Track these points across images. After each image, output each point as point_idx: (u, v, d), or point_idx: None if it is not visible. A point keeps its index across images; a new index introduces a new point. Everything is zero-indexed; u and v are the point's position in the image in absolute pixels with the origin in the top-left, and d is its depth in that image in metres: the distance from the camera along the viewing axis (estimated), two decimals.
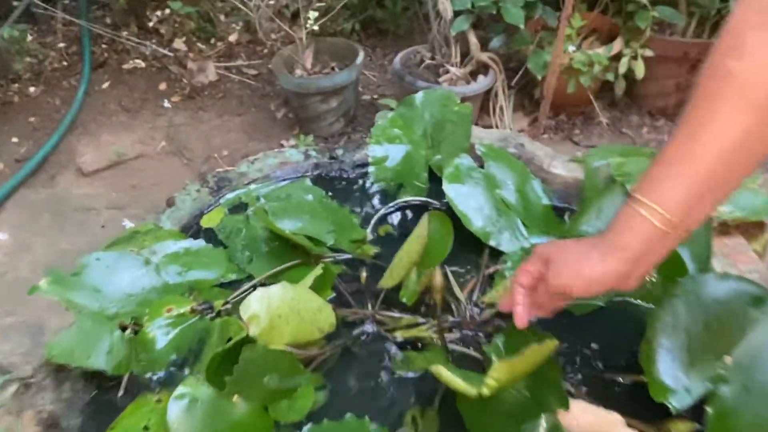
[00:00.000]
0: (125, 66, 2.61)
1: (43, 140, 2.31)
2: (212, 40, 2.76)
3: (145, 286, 0.97)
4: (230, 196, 1.16)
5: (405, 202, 1.15)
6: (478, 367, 0.86)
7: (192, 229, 1.10)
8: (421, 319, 0.92)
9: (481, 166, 1.11)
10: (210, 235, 1.09)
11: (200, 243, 1.05)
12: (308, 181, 1.19)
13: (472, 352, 0.88)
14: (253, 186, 1.18)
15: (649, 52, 2.16)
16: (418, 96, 1.24)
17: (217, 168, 1.20)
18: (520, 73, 2.36)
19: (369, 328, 0.92)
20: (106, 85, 2.57)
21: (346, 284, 1.00)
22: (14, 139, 2.28)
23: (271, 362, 0.80)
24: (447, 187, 1.05)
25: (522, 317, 0.74)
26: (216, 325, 0.93)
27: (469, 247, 1.02)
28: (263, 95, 2.72)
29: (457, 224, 1.02)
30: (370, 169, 1.21)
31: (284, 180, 1.21)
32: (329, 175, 1.22)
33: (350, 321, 0.93)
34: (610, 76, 2.23)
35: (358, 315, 0.94)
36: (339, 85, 2.16)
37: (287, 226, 1.08)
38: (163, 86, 2.59)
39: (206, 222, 1.12)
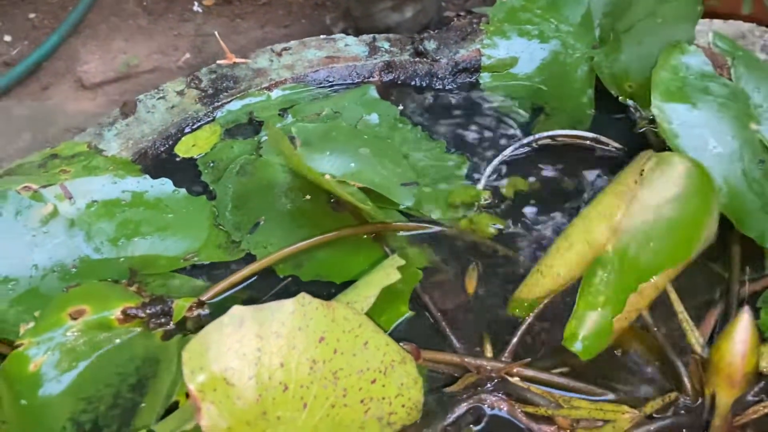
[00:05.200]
0: None
1: (41, 41, 1.82)
2: None
3: (39, 263, 0.49)
4: (234, 106, 0.66)
5: (551, 137, 0.62)
6: None
7: (156, 159, 0.60)
8: (608, 395, 0.40)
9: None
10: (187, 173, 0.59)
11: (163, 185, 0.55)
12: (373, 91, 0.67)
13: None
14: (276, 93, 0.67)
15: None
16: None
17: (220, 60, 0.71)
18: None
19: (491, 403, 0.41)
20: None
21: (434, 292, 0.49)
22: (7, 38, 1.80)
23: None
24: (661, 108, 0.51)
25: None
26: (174, 351, 0.44)
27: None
28: (317, 5, 2.14)
29: None
30: (485, 77, 0.67)
31: (332, 87, 0.69)
32: (410, 83, 0.70)
33: (444, 383, 0.43)
34: None
35: (465, 370, 0.43)
36: None
37: (329, 167, 0.57)
38: None
39: (185, 149, 0.62)
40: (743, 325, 0.27)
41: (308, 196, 0.57)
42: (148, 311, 0.46)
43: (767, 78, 0.56)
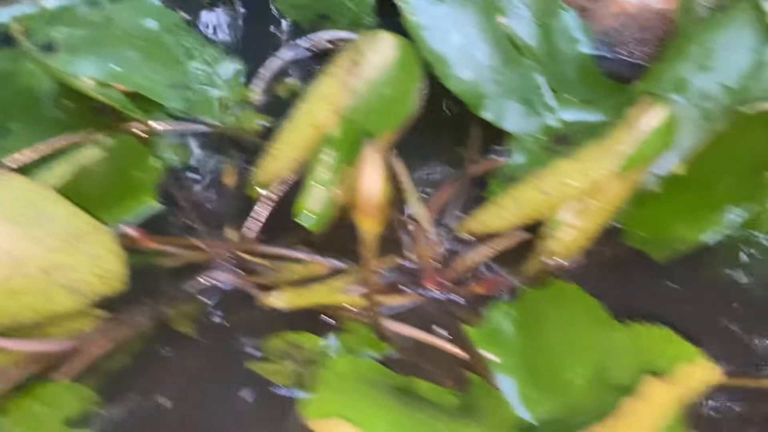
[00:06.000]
0: None
1: None
2: None
3: None
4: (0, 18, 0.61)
5: (330, 40, 0.62)
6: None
7: None
8: (336, 263, 0.43)
9: None
10: None
11: None
12: None
13: (441, 343, 0.40)
14: (48, 2, 0.63)
15: None
16: None
17: None
18: None
19: (222, 279, 0.43)
20: None
21: (189, 186, 0.49)
22: None
23: None
24: (407, 4, 0.53)
25: None
26: None
27: (441, 123, 0.52)
28: None
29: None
30: None
31: None
32: None
33: (181, 264, 0.44)
34: None
35: (201, 251, 0.44)
36: None
37: (92, 71, 0.55)
38: None
39: None
40: (366, 158, 0.30)
41: (71, 103, 0.55)
42: None
43: None
